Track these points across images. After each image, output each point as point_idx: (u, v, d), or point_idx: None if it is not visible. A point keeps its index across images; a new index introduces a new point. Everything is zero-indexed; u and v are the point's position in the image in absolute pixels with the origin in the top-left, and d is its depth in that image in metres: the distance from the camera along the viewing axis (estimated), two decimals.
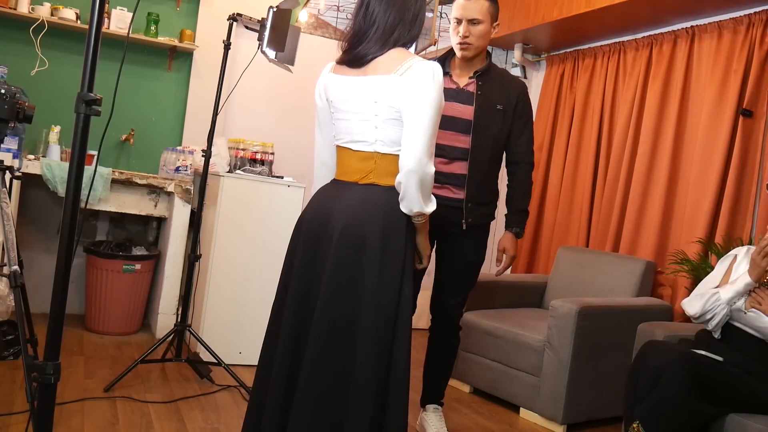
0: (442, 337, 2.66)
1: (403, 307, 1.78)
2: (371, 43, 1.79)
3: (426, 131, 1.72)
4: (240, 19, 3.00)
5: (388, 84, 1.75)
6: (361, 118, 1.80)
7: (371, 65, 1.79)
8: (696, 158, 3.39)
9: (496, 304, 3.57)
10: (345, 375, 1.74)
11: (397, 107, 1.75)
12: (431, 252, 2.49)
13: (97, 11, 1.41)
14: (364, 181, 1.82)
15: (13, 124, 2.24)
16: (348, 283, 1.75)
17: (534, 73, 5.01)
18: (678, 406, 2.13)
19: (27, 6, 3.61)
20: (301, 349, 1.80)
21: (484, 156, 2.46)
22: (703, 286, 2.51)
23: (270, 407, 1.80)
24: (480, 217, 2.52)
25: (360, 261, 1.75)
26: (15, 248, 2.24)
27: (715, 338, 2.40)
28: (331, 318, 1.74)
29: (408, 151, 1.72)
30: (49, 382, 1.43)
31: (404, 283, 1.78)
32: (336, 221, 1.79)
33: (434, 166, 2.35)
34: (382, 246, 1.75)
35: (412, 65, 1.74)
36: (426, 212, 1.80)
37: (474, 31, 2.41)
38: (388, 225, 1.77)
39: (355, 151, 1.84)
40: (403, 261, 1.78)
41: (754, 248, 2.41)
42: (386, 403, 1.75)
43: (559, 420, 2.91)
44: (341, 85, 1.84)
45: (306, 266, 1.83)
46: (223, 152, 3.45)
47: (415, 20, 1.83)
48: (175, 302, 3.62)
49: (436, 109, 1.74)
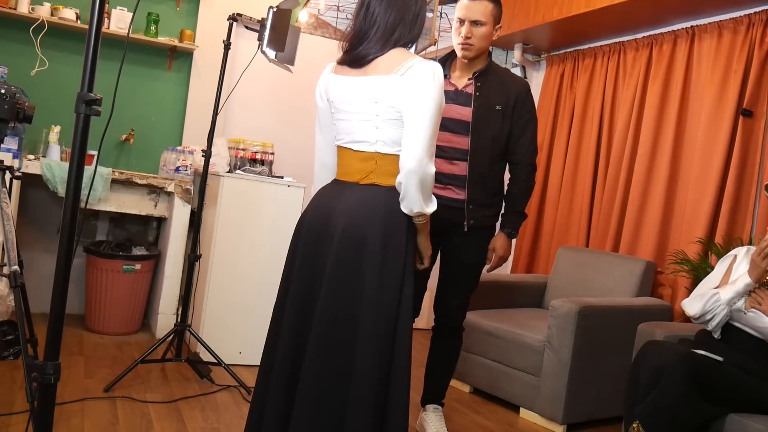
0: (444, 337, 2.67)
1: (403, 308, 1.77)
2: (372, 43, 1.78)
3: (426, 131, 1.71)
4: (240, 19, 3.00)
5: (388, 84, 1.75)
6: (361, 119, 1.80)
7: (372, 65, 1.78)
8: (696, 158, 3.39)
9: (496, 304, 3.56)
10: (345, 376, 1.73)
11: (397, 107, 1.75)
12: (433, 253, 2.50)
13: (97, 11, 1.41)
14: (364, 181, 1.82)
15: (13, 124, 2.24)
16: (348, 284, 1.74)
17: (534, 73, 5.01)
18: (678, 406, 2.13)
19: (27, 6, 3.61)
20: (301, 350, 1.79)
21: (483, 157, 2.46)
22: (703, 286, 2.51)
23: (271, 408, 1.80)
24: (482, 219, 2.51)
25: (360, 261, 1.74)
26: (15, 248, 2.24)
27: (715, 338, 2.40)
28: (332, 319, 1.74)
29: (408, 151, 1.71)
30: (49, 382, 1.43)
31: (405, 283, 1.78)
32: (337, 221, 1.78)
33: (436, 167, 2.36)
34: (383, 246, 1.75)
35: (413, 65, 1.74)
36: (426, 212, 1.80)
37: (476, 32, 2.41)
38: (388, 225, 1.77)
39: (356, 152, 1.84)
40: (403, 262, 1.78)
41: (754, 248, 2.41)
42: (387, 404, 1.75)
43: (559, 420, 2.91)
44: (342, 85, 1.84)
45: (306, 267, 1.83)
46: (223, 152, 3.45)
47: (415, 20, 1.82)
48: (175, 302, 3.62)
49: (437, 109, 1.73)
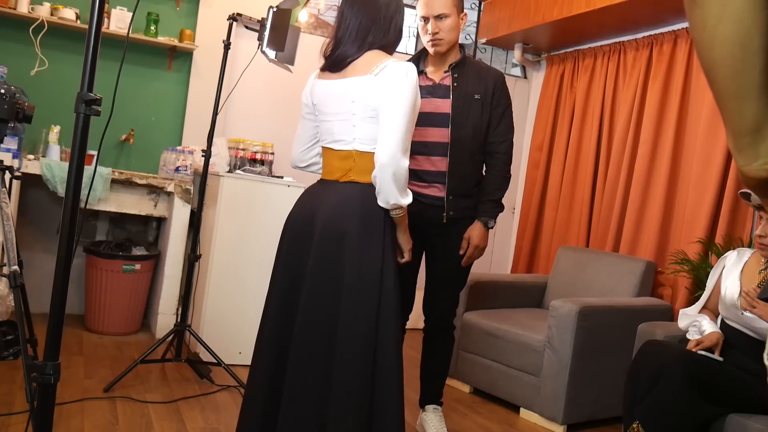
0: (435, 338, 2.64)
1: (384, 300, 1.80)
2: (348, 46, 1.89)
3: (400, 127, 1.79)
4: (240, 19, 3.00)
5: (364, 84, 1.84)
6: (340, 119, 1.89)
7: (350, 68, 1.88)
8: (696, 158, 3.39)
9: (496, 304, 3.56)
10: (328, 371, 1.77)
11: (373, 106, 1.83)
12: (418, 253, 2.49)
13: (97, 11, 1.41)
14: (344, 179, 1.90)
15: (12, 124, 2.24)
16: (329, 278, 1.80)
17: (534, 73, 5.01)
18: (678, 406, 2.13)
19: (27, 6, 3.61)
20: (286, 346, 1.84)
21: (464, 147, 2.44)
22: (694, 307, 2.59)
23: (258, 406, 1.85)
24: (463, 210, 2.48)
25: (340, 256, 1.80)
26: (15, 248, 2.24)
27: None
28: (314, 313, 1.79)
29: (382, 146, 1.79)
30: (48, 382, 1.43)
31: (384, 276, 1.82)
32: (318, 219, 1.86)
33: (419, 165, 2.38)
34: (361, 240, 1.80)
35: (387, 66, 1.83)
36: (402, 204, 1.85)
37: (442, 26, 2.41)
38: (365, 219, 1.83)
39: (336, 151, 1.92)
40: (381, 254, 1.83)
41: (746, 252, 2.43)
42: (373, 406, 1.76)
43: (559, 420, 2.91)
44: (323, 88, 1.95)
45: (291, 263, 1.90)
46: (223, 152, 3.44)
47: (389, 24, 1.91)
48: (175, 302, 3.61)
49: (410, 107, 1.81)
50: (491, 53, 5.00)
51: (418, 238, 2.27)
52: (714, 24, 0.68)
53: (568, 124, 4.37)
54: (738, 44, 0.68)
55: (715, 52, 0.69)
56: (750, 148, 0.71)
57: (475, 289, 3.46)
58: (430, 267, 2.59)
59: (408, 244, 1.99)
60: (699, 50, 0.72)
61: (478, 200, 2.52)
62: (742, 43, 0.68)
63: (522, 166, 4.90)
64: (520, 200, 4.85)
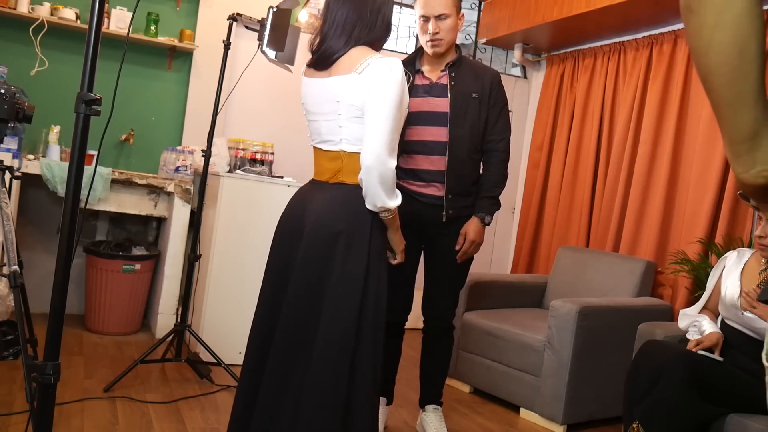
0: (435, 338, 2.64)
1: (367, 302, 1.79)
2: (333, 41, 1.83)
3: (385, 127, 1.73)
4: (240, 19, 3.00)
5: (348, 83, 1.78)
6: (327, 119, 1.86)
7: (335, 66, 1.83)
8: (696, 158, 3.39)
9: (496, 304, 3.56)
10: (306, 370, 1.76)
11: (358, 105, 1.78)
12: (416, 252, 2.49)
13: (97, 11, 1.41)
14: (333, 180, 1.87)
15: (12, 124, 2.24)
16: (314, 278, 1.79)
17: (534, 73, 5.01)
18: (677, 406, 2.13)
19: (27, 6, 3.61)
20: (269, 344, 1.84)
21: (462, 146, 2.45)
22: (694, 307, 2.59)
23: (241, 403, 1.86)
24: (461, 209, 2.48)
25: (326, 257, 1.79)
26: (15, 248, 2.24)
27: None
28: (297, 312, 1.79)
29: (367, 147, 1.74)
30: (48, 382, 1.43)
31: (369, 278, 1.80)
32: (307, 220, 1.85)
33: (418, 164, 2.35)
34: (347, 242, 1.79)
35: (371, 63, 1.77)
36: (390, 207, 1.80)
37: (443, 26, 2.42)
38: (351, 220, 1.81)
39: (324, 151, 1.89)
40: (367, 255, 1.80)
41: (745, 252, 2.43)
42: (351, 401, 1.75)
43: (559, 420, 2.91)
44: (310, 87, 1.91)
45: (280, 263, 1.90)
46: (223, 152, 3.44)
47: (375, 18, 1.85)
48: (175, 302, 3.61)
49: (395, 105, 1.75)
50: (491, 53, 5.00)
51: (417, 237, 2.27)
52: (710, 32, 0.68)
53: (568, 124, 4.37)
54: (734, 52, 0.68)
55: (711, 59, 0.69)
56: (747, 156, 0.71)
57: (475, 289, 3.46)
58: (429, 266, 2.59)
59: (400, 245, 1.95)
60: (695, 57, 0.71)
61: (476, 197, 2.52)
62: (739, 51, 0.68)
63: (522, 166, 4.90)
64: (520, 200, 4.85)
